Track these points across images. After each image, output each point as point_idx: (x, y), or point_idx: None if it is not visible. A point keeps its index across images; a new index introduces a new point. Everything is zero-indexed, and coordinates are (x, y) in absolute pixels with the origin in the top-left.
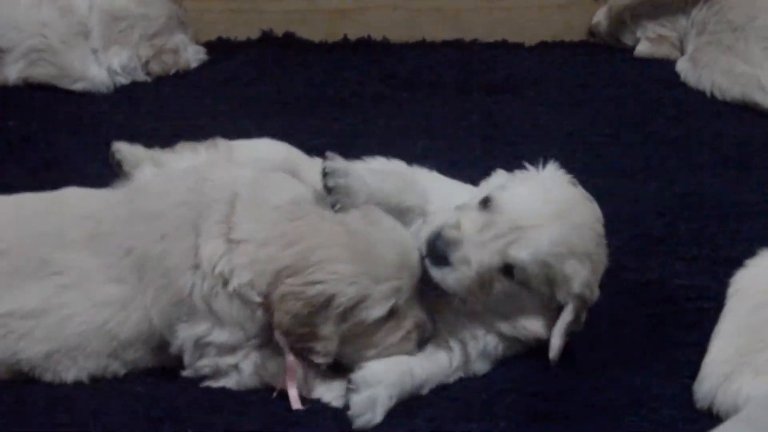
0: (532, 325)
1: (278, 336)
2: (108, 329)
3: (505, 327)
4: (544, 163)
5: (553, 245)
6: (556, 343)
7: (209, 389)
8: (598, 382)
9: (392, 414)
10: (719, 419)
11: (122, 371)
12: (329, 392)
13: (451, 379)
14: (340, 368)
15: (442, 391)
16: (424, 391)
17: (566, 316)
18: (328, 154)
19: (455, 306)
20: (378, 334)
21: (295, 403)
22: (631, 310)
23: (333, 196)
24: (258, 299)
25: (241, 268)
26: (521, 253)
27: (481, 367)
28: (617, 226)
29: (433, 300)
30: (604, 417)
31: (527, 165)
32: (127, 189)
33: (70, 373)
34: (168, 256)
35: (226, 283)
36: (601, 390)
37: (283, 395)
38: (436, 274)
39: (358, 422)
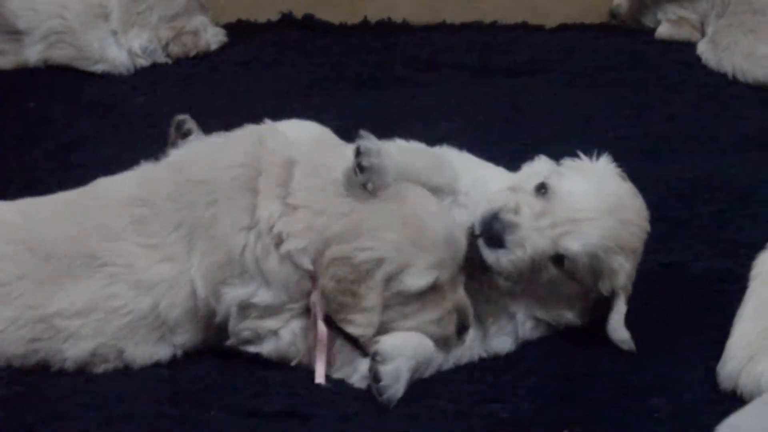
0: (568, 314)
1: (316, 304)
2: (157, 313)
3: (540, 312)
4: (598, 155)
5: (604, 239)
6: (623, 335)
7: (232, 371)
8: (621, 364)
9: (416, 395)
10: (742, 401)
11: (167, 357)
12: (353, 373)
13: (473, 357)
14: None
15: (465, 371)
16: (443, 367)
17: (620, 308)
18: (362, 132)
19: (498, 286)
20: (416, 305)
21: (320, 377)
22: (653, 293)
23: (365, 175)
24: (309, 266)
25: (297, 233)
26: (574, 245)
27: (500, 343)
28: None
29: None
30: (628, 399)
31: (581, 155)
32: (168, 163)
33: (115, 364)
34: (220, 219)
35: (279, 244)
36: (625, 372)
37: (305, 374)
38: (489, 255)
39: (387, 394)
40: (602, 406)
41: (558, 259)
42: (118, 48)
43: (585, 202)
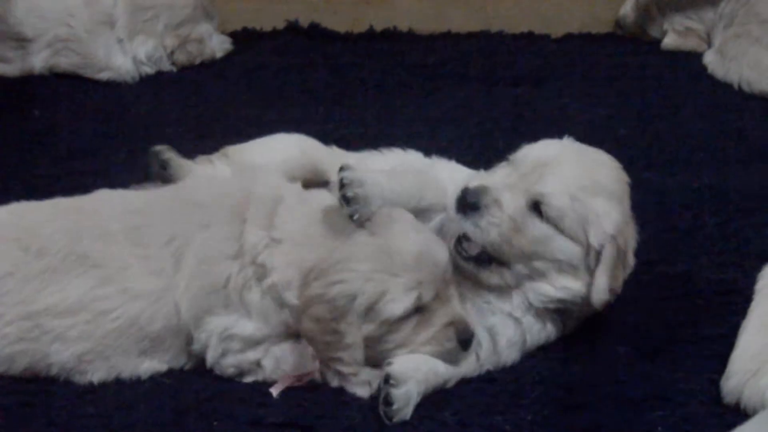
0: (572, 283)
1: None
2: (140, 324)
3: (545, 287)
4: None
5: (578, 178)
6: (600, 281)
7: (235, 382)
8: (624, 375)
9: (419, 407)
10: (746, 415)
11: (149, 373)
12: (355, 384)
13: (481, 372)
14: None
15: (469, 384)
16: (448, 385)
17: (606, 255)
18: (344, 164)
19: (494, 277)
20: (405, 331)
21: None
22: (658, 303)
23: (351, 206)
24: (294, 301)
25: (281, 267)
26: (547, 186)
27: (509, 355)
28: (644, 219)
29: (466, 288)
30: (631, 410)
31: None
32: (172, 186)
33: (100, 374)
34: (209, 244)
35: (262, 276)
36: (628, 383)
37: (307, 385)
38: (469, 226)
39: (397, 417)
40: (605, 418)
41: (536, 207)
42: (124, 56)
43: (550, 152)
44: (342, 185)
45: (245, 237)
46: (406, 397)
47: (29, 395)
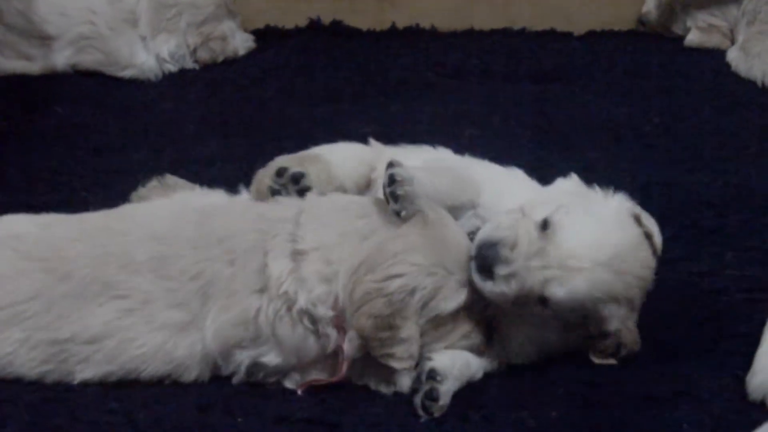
0: (556, 342)
1: (344, 350)
2: (165, 350)
3: (528, 336)
4: (615, 189)
5: (593, 291)
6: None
7: None
8: (649, 372)
9: None
10: None
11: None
12: (378, 380)
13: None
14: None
15: (493, 379)
16: (474, 379)
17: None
18: (392, 160)
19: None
20: (449, 326)
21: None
22: (682, 301)
23: (399, 203)
24: (330, 313)
25: (312, 280)
26: (560, 292)
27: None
28: (668, 217)
29: None
30: (655, 407)
31: (597, 190)
32: (195, 211)
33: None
34: (236, 279)
35: (291, 305)
36: (653, 381)
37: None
38: (478, 280)
39: (439, 412)
40: (629, 415)
41: (543, 300)
42: (147, 53)
43: (581, 250)
44: (391, 182)
45: (269, 270)
46: (449, 394)
47: (53, 391)
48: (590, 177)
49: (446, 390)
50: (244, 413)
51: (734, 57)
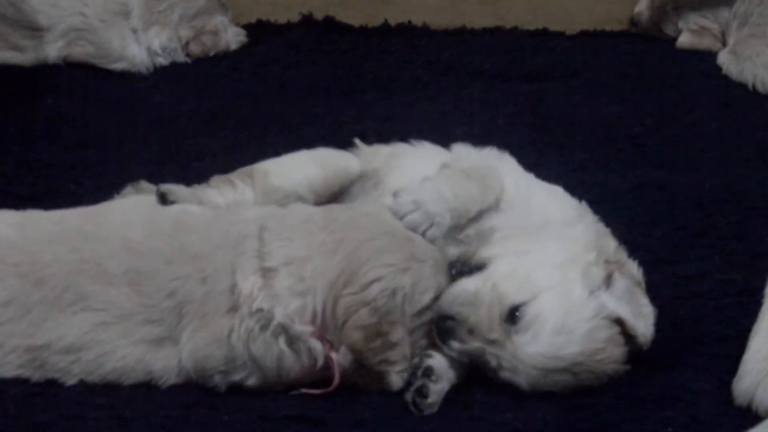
0: None
1: (336, 361)
2: (146, 361)
3: None
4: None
5: (544, 386)
6: None
7: None
8: (635, 375)
9: None
10: (758, 417)
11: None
12: (367, 379)
13: None
14: None
15: (480, 380)
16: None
17: None
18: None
19: None
20: (428, 317)
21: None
22: (669, 303)
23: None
24: (308, 328)
25: (285, 296)
26: (511, 377)
27: None
28: (657, 218)
29: None
30: (641, 410)
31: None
32: (170, 221)
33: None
34: (208, 299)
35: (267, 323)
36: (639, 383)
37: (319, 380)
38: (436, 335)
39: (429, 410)
40: (615, 417)
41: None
42: (138, 46)
43: (538, 359)
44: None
45: (238, 288)
46: (441, 393)
47: (39, 386)
48: (581, 177)
49: (438, 389)
50: (229, 410)
51: (725, 60)
